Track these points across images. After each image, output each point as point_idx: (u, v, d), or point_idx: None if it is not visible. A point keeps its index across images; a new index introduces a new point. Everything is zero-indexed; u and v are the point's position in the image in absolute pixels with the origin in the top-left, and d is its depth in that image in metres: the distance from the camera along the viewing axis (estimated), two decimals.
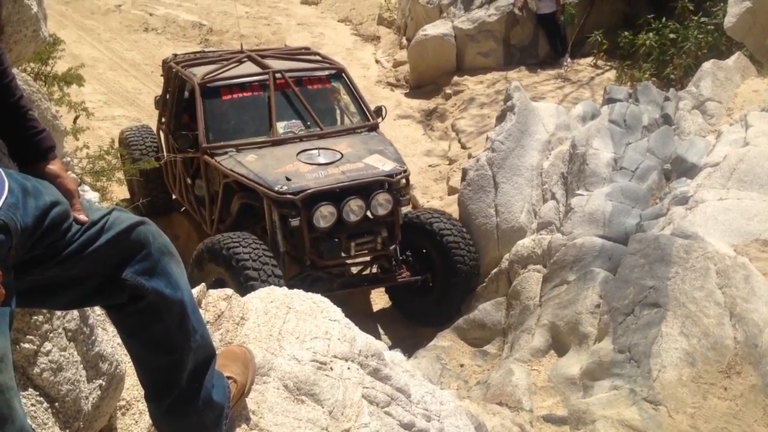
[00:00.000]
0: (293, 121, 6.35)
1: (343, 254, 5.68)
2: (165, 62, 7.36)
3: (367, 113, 6.68)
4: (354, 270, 6.26)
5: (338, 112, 6.85)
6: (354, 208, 5.50)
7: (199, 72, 6.52)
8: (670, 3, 9.69)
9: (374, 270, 6.13)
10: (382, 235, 5.72)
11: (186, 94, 6.74)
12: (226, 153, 5.94)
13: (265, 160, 5.78)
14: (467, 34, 11.34)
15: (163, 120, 7.15)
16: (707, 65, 6.87)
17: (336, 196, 5.48)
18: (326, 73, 6.82)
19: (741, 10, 6.89)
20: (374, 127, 6.58)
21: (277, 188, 5.39)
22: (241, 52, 7.10)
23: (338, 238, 5.59)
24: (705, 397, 3.79)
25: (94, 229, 1.60)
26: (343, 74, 6.86)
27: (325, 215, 5.42)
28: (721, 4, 8.40)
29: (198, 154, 6.15)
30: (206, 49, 7.92)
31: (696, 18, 9.19)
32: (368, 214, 5.62)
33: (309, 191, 5.36)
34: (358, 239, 5.65)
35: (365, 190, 5.58)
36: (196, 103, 6.20)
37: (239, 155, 5.87)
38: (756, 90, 6.68)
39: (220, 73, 6.44)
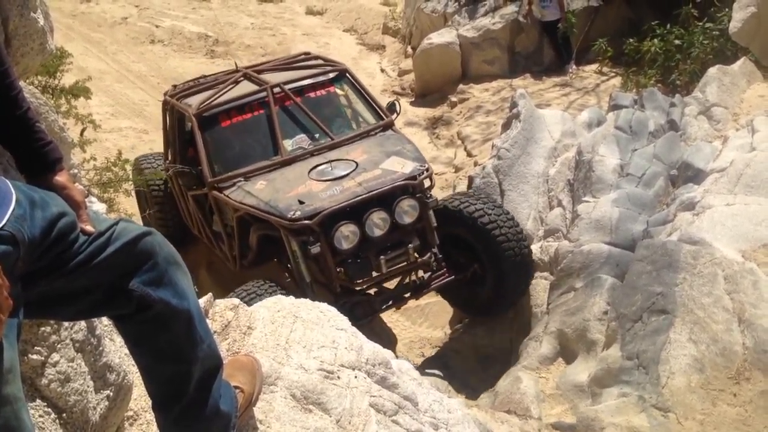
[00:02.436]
0: (300, 135, 5.86)
1: (374, 273, 5.16)
2: (165, 95, 6.91)
3: (380, 111, 6.16)
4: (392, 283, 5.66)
5: (348, 115, 6.30)
6: (377, 222, 5.02)
7: (194, 102, 6.05)
8: (674, 9, 9.68)
9: (413, 278, 5.54)
10: (414, 244, 5.21)
11: (188, 126, 6.22)
12: (234, 185, 5.48)
13: (275, 184, 5.31)
14: (472, 42, 11.36)
15: (169, 158, 6.68)
16: (713, 71, 6.86)
17: (355, 211, 4.98)
18: (328, 77, 6.27)
19: (746, 15, 6.89)
20: (389, 125, 6.05)
21: (289, 215, 4.91)
22: (237, 71, 6.60)
23: (366, 256, 5.09)
24: (714, 403, 3.77)
25: (101, 240, 1.61)
26: (347, 74, 6.36)
27: (346, 235, 4.95)
28: (726, 9, 8.39)
29: (206, 190, 5.73)
30: (202, 76, 7.33)
31: (701, 24, 9.17)
32: (395, 224, 5.13)
33: (324, 212, 4.88)
34: (388, 254, 5.12)
35: (387, 198, 5.09)
36: (195, 137, 5.80)
37: (248, 184, 5.41)
38: (762, 95, 6.67)
39: (214, 100, 5.95)
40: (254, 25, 15.75)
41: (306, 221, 4.86)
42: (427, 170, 5.35)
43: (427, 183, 5.39)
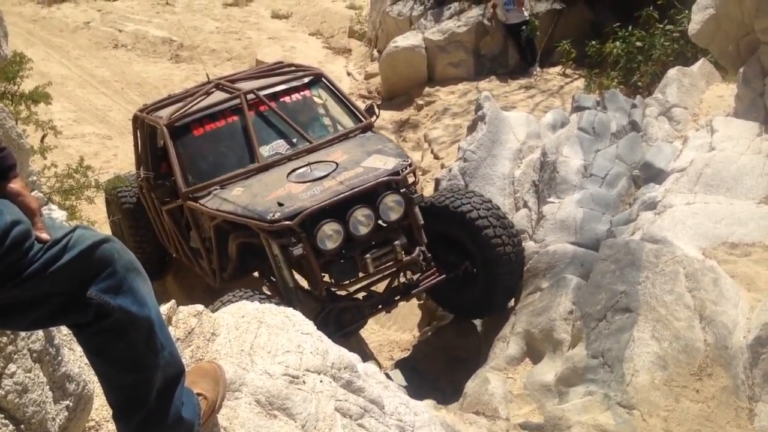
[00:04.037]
0: (277, 141, 5.68)
1: (361, 274, 4.95)
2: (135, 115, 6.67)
3: (358, 114, 6.04)
4: (379, 288, 5.47)
5: (326, 119, 6.15)
6: (361, 219, 4.80)
7: (165, 114, 5.90)
8: (635, 12, 9.84)
9: (402, 279, 5.32)
10: (401, 242, 4.96)
11: (160, 142, 6.02)
12: (209, 193, 5.29)
13: (253, 189, 5.12)
14: (438, 45, 11.43)
15: (142, 176, 6.34)
16: (673, 72, 6.98)
17: (338, 210, 4.76)
18: (303, 81, 6.14)
19: (705, 17, 7.01)
20: (368, 127, 5.91)
21: (269, 217, 4.68)
22: (209, 82, 6.40)
23: (351, 256, 4.86)
24: (677, 399, 3.82)
25: (57, 248, 1.59)
26: (323, 78, 6.24)
27: (329, 234, 4.72)
28: (686, 11, 8.55)
29: (180, 201, 5.54)
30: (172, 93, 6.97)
31: (661, 26, 9.33)
32: (380, 222, 4.93)
33: (305, 212, 4.65)
34: (374, 252, 4.88)
35: (370, 195, 4.87)
36: (167, 147, 5.62)
37: (224, 192, 5.23)
38: (721, 95, 6.80)
39: (186, 109, 5.80)
40: (219, 29, 15.67)
41: (286, 222, 4.64)
42: (410, 165, 5.17)
43: (411, 179, 5.20)
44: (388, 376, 5.19)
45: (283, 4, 17.38)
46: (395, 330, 6.59)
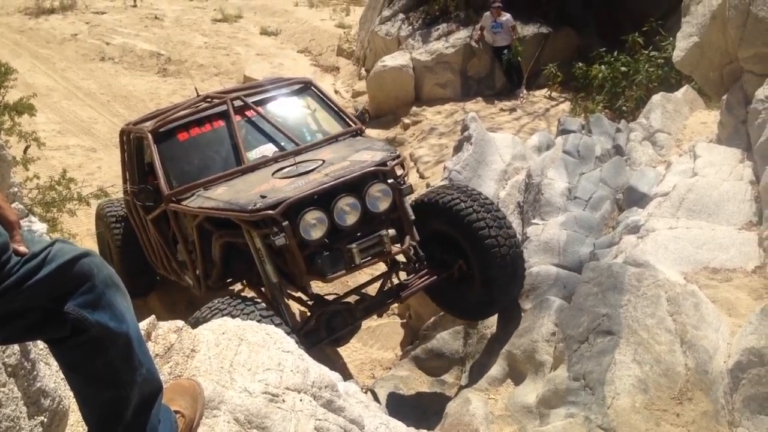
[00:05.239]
0: (265, 146, 5.58)
1: (347, 267, 4.68)
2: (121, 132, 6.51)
3: (348, 120, 5.99)
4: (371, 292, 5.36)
5: (314, 126, 6.04)
6: (345, 208, 4.62)
7: (150, 123, 5.81)
8: (621, 37, 9.96)
9: (395, 281, 5.20)
10: (390, 235, 4.74)
11: (146, 152, 5.89)
12: (193, 194, 5.16)
13: (236, 187, 4.97)
14: (425, 65, 11.50)
15: (128, 190, 6.16)
16: (657, 98, 7.05)
17: (323, 200, 4.59)
18: (292, 89, 6.12)
19: (689, 45, 7.11)
20: (359, 132, 5.84)
21: (250, 208, 4.48)
22: (198, 96, 6.24)
23: (338, 247, 4.64)
24: (658, 423, 3.82)
25: (35, 262, 1.57)
26: (311, 86, 6.22)
27: (312, 223, 4.52)
28: (671, 38, 8.66)
29: (163, 206, 5.37)
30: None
31: (646, 52, 9.45)
32: (367, 213, 4.75)
33: (288, 201, 4.45)
34: (361, 242, 4.64)
35: (356, 186, 4.69)
36: (151, 153, 5.52)
37: (207, 192, 5.10)
38: (704, 122, 6.87)
39: (171, 116, 5.74)
40: (208, 45, 15.69)
41: (268, 211, 4.42)
42: (398, 157, 5.04)
43: (399, 171, 5.02)
44: (373, 393, 5.17)
45: (272, 21, 17.45)
46: (377, 348, 6.56)
